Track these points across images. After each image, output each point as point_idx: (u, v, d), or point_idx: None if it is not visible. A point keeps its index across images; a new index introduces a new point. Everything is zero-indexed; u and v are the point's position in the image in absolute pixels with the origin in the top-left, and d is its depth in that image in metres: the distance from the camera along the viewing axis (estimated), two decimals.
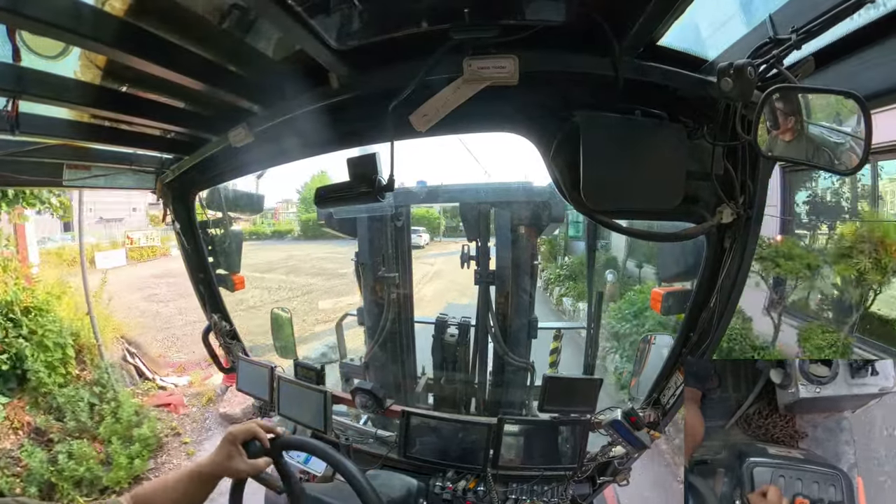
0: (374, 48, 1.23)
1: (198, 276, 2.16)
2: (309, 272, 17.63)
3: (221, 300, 2.25)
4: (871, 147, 0.82)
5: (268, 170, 2.04)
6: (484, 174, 10.02)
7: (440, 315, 3.12)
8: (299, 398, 1.97)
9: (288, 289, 14.81)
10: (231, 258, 2.21)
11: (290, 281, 15.98)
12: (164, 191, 1.99)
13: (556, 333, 3.68)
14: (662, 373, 1.71)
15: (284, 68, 1.39)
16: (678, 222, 1.48)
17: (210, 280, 2.19)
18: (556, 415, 1.84)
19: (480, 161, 24.08)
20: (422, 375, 3.19)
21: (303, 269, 18.45)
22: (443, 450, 1.91)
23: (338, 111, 1.44)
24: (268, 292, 13.83)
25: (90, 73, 1.23)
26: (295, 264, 19.45)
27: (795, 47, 0.89)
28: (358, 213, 2.83)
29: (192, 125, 1.65)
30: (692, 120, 1.27)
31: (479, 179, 8.56)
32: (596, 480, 1.91)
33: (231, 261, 2.21)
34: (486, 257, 2.90)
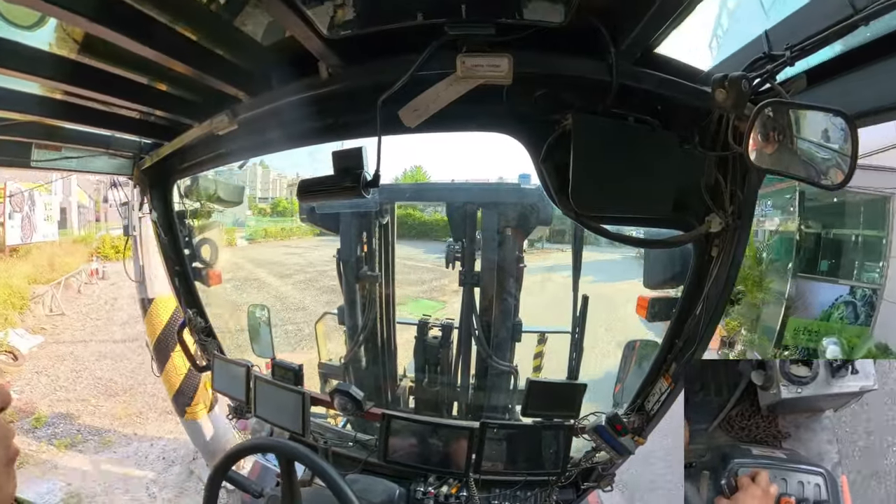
0: (367, 39, 1.23)
1: (174, 269, 2.11)
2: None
3: (198, 295, 2.20)
4: (856, 164, 0.88)
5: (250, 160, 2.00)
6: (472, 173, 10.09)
7: (423, 316, 3.12)
8: (277, 399, 1.95)
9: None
10: (209, 251, 2.16)
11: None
12: (142, 177, 1.94)
13: (539, 338, 3.73)
14: (647, 379, 1.76)
15: (273, 55, 1.38)
16: (666, 229, 1.54)
17: (186, 273, 2.13)
18: (539, 419, 1.87)
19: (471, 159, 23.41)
20: (403, 378, 3.19)
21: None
22: (424, 454, 1.92)
23: (325, 102, 1.44)
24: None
25: (66, 47, 1.18)
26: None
27: (789, 64, 0.94)
28: (342, 209, 2.81)
29: (174, 109, 1.61)
30: (684, 129, 1.32)
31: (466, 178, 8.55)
32: (580, 486, 1.95)
33: (209, 254, 2.16)
34: (472, 258, 2.92)
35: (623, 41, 1.15)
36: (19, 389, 7.21)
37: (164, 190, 2.01)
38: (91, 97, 1.48)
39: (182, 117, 1.66)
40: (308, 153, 1.84)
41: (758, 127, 1.02)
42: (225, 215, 5.73)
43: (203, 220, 2.16)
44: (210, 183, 2.18)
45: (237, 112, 1.50)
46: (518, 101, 1.34)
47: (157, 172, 1.96)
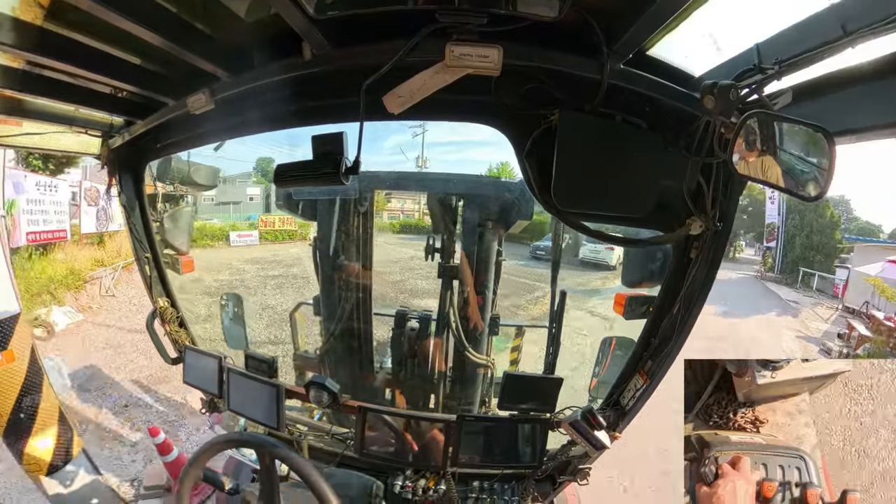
0: (354, 21, 1.21)
1: (144, 256, 2.02)
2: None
3: (169, 283, 2.12)
4: (832, 179, 0.94)
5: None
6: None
7: (400, 308, 3.12)
8: (251, 392, 1.91)
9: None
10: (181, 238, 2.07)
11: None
12: (111, 157, 1.83)
13: (517, 331, 3.80)
14: (623, 375, 1.83)
15: (255, 33, 1.34)
16: (647, 229, 1.59)
17: (157, 261, 2.05)
18: (515, 413, 1.91)
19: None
20: (380, 370, 3.19)
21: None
22: (401, 447, 1.93)
23: (308, 84, 1.41)
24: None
25: (31, 13, 1.10)
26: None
27: (776, 78, 0.99)
28: (319, 196, 2.75)
29: (148, 85, 1.54)
30: (671, 132, 1.36)
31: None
32: (556, 479, 2.00)
33: (180, 241, 2.08)
34: (451, 250, 2.93)
35: (616, 40, 1.17)
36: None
37: (134, 171, 1.92)
38: (57, 68, 1.38)
39: (156, 94, 1.57)
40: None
41: (743, 136, 1.07)
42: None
43: (180, 204, 2.07)
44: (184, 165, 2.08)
45: (215, 91, 1.44)
46: (505, 93, 1.34)
47: (128, 153, 1.86)
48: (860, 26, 0.82)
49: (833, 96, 1.04)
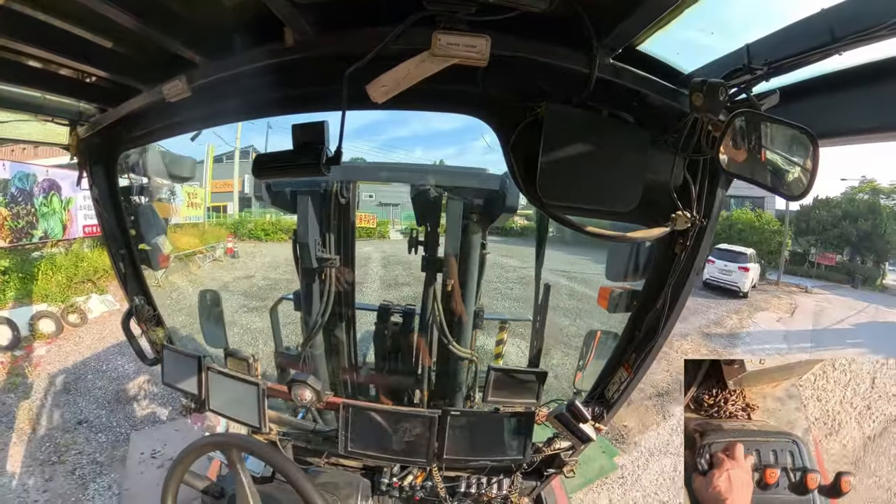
0: (338, 6, 1.19)
1: (118, 253, 1.94)
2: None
3: (144, 280, 2.04)
4: (815, 178, 0.98)
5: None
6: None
7: (383, 302, 3.11)
8: (231, 391, 1.88)
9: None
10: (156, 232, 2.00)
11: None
12: (81, 148, 1.74)
13: (501, 325, 3.85)
14: (607, 368, 1.88)
15: (235, 16, 1.30)
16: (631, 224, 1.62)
17: (132, 257, 1.97)
18: (500, 406, 1.94)
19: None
20: (363, 365, 3.18)
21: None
22: (386, 444, 1.93)
23: (289, 71, 1.38)
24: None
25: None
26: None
27: (765, 78, 1.02)
28: (299, 187, 2.69)
29: (120, 71, 1.46)
30: (658, 128, 1.39)
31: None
32: (543, 472, 2.05)
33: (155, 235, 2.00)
34: (435, 243, 2.93)
35: (606, 34, 1.18)
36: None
37: (107, 162, 1.83)
38: (20, 50, 1.30)
39: (129, 80, 1.50)
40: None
41: (730, 134, 1.11)
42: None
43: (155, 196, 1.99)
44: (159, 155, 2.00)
45: (192, 77, 1.39)
46: (492, 84, 1.34)
47: (100, 142, 1.78)
48: (848, 33, 0.86)
49: (819, 99, 1.08)
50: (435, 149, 47.35)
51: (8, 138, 1.64)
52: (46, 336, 8.46)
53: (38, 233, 10.42)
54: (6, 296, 8.67)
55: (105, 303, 10.23)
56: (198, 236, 16.79)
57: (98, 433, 5.64)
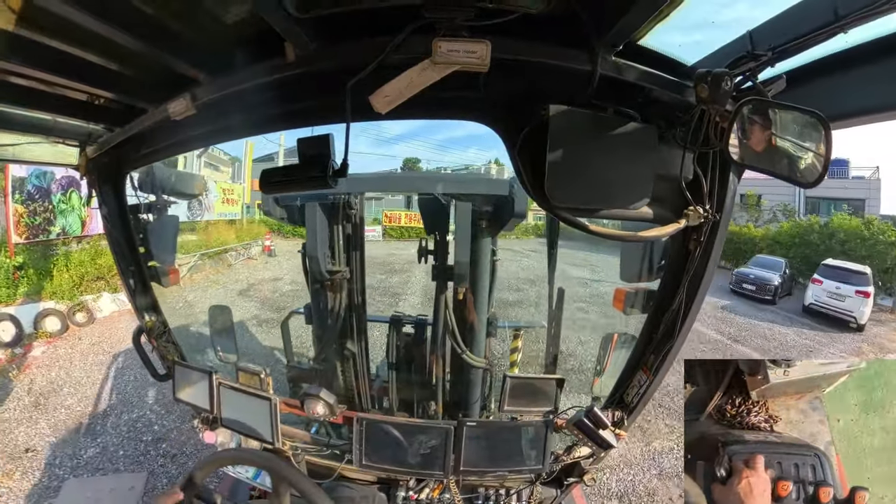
0: (338, 20, 1.20)
1: (128, 270, 1.98)
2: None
3: (155, 297, 2.08)
4: (829, 163, 0.96)
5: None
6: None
7: (395, 313, 3.11)
8: (243, 407, 1.89)
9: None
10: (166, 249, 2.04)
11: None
12: (90, 168, 1.79)
13: (515, 332, 3.81)
14: (625, 372, 1.84)
15: (236, 34, 1.32)
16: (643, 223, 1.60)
17: (142, 274, 2.02)
18: (517, 415, 1.91)
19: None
20: (376, 378, 3.17)
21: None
22: (402, 457, 1.92)
23: (292, 86, 1.40)
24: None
25: (3, 18, 1.07)
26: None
27: (770, 64, 1.01)
28: (307, 200, 2.73)
29: (126, 92, 1.52)
30: (664, 122, 1.37)
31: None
32: (563, 482, 2.00)
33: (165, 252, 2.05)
34: (445, 252, 2.93)
35: (606, 31, 1.18)
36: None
37: (115, 181, 1.88)
38: (31, 76, 1.36)
39: (135, 100, 1.55)
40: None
41: (738, 124, 1.09)
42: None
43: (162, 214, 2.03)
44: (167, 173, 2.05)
45: (196, 95, 1.43)
46: (495, 89, 1.34)
47: (108, 162, 1.83)
48: (852, 10, 0.84)
49: (827, 81, 1.06)
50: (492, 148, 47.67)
51: (21, 160, 1.70)
52: (49, 335, 8.32)
53: (55, 229, 10.45)
54: (18, 291, 8.67)
55: (116, 301, 10.10)
56: (233, 233, 17.16)
57: (36, 470, 4.75)
